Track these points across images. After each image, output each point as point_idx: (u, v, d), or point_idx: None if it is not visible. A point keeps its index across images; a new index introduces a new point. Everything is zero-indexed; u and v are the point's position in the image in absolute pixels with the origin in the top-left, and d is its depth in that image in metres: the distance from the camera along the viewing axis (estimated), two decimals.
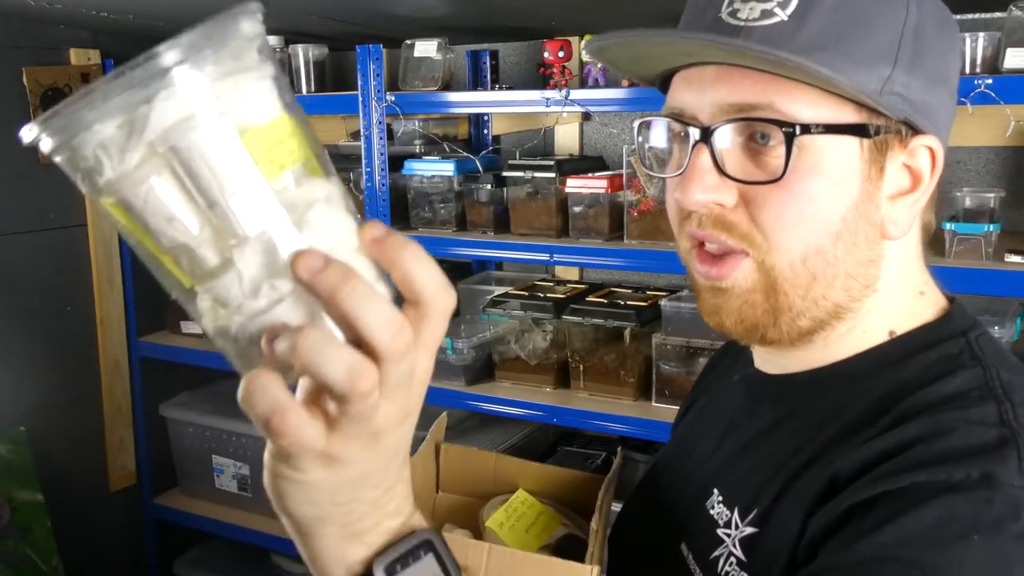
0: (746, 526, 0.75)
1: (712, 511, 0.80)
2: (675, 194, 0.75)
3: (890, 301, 0.76)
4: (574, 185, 2.06)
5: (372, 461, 0.51)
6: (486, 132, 2.60)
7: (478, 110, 2.51)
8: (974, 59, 1.66)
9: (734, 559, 0.74)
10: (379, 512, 0.54)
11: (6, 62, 2.31)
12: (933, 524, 0.61)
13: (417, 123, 2.41)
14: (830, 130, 0.70)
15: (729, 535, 0.76)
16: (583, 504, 1.04)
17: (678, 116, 0.75)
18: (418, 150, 2.43)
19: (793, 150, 0.69)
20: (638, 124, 0.82)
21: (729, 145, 0.72)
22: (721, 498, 0.80)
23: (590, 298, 2.15)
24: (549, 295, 2.18)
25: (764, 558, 0.72)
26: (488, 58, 2.42)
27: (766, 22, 0.69)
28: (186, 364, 2.64)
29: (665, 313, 2.01)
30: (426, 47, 2.19)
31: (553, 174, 2.10)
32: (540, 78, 2.25)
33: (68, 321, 2.53)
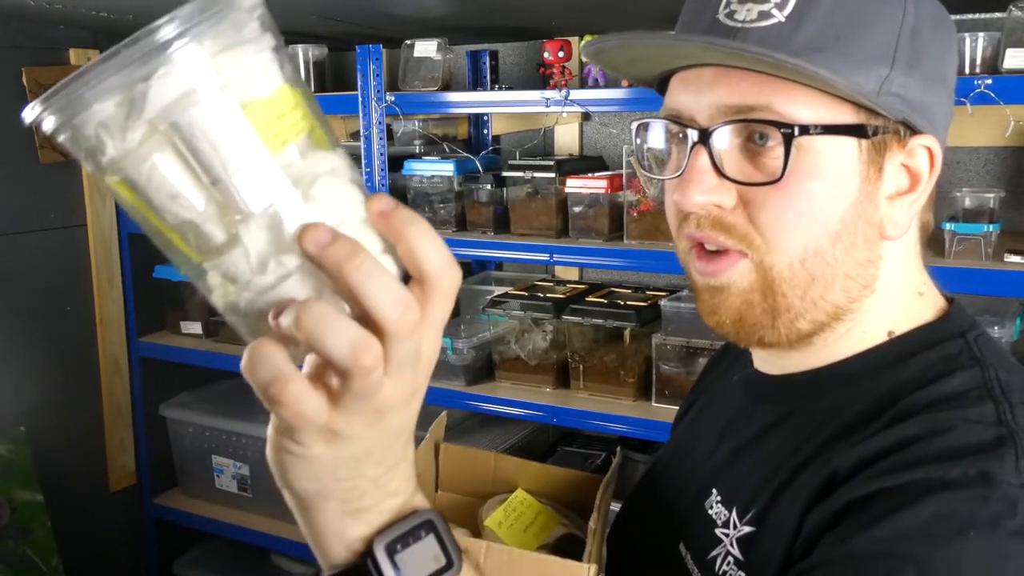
0: (744, 525, 0.75)
1: (710, 511, 0.80)
2: (674, 196, 0.75)
3: (889, 301, 0.76)
4: (574, 185, 2.06)
5: (375, 439, 0.51)
6: (486, 132, 2.60)
7: (478, 110, 2.51)
8: (974, 59, 1.66)
9: (732, 558, 0.74)
10: (381, 490, 0.54)
11: (6, 62, 2.30)
12: (929, 520, 0.61)
13: (417, 123, 2.41)
14: (828, 131, 0.70)
15: (727, 535, 0.76)
16: (582, 504, 1.04)
17: (676, 118, 0.75)
18: (418, 150, 2.43)
19: (792, 151, 0.69)
20: (636, 126, 0.82)
21: (727, 146, 0.72)
22: (720, 498, 0.80)
23: (590, 298, 2.15)
24: (549, 295, 2.18)
25: (761, 557, 0.72)
26: (488, 58, 2.42)
27: (763, 23, 0.70)
28: (186, 364, 2.64)
29: (665, 313, 2.01)
30: (426, 47, 2.19)
31: (553, 174, 2.10)
32: (540, 78, 2.26)
33: (68, 321, 2.53)
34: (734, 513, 0.77)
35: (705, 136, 0.72)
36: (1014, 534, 0.60)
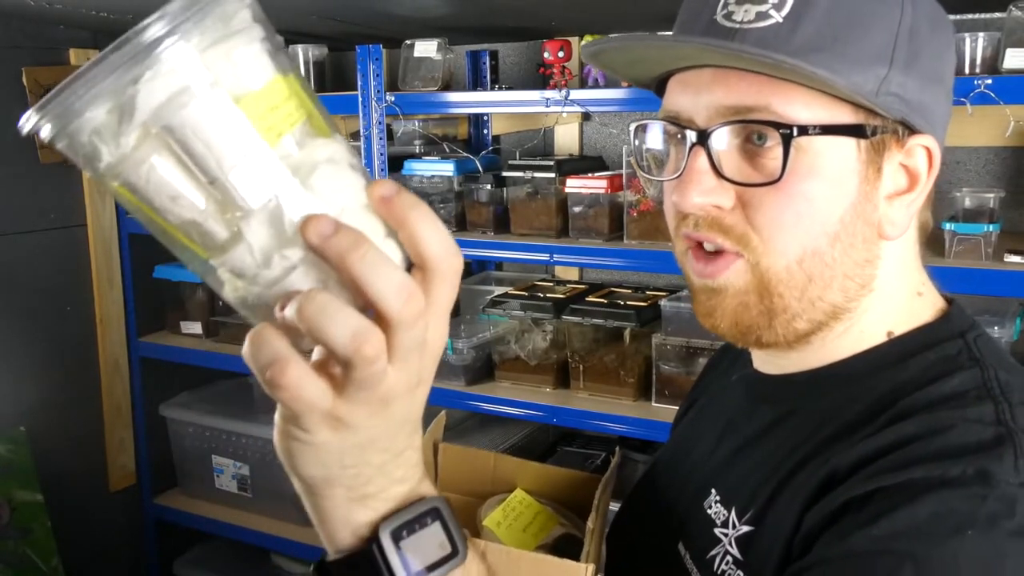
0: (743, 525, 0.75)
1: (710, 511, 0.80)
2: (672, 197, 0.75)
3: (888, 301, 0.76)
4: (574, 185, 2.06)
5: (381, 427, 0.51)
6: (486, 132, 2.60)
7: (478, 110, 2.51)
8: (974, 59, 1.66)
9: (730, 557, 0.74)
10: (387, 477, 0.54)
11: (6, 62, 2.30)
12: (928, 518, 0.61)
13: (417, 123, 2.41)
14: (827, 131, 0.70)
15: (726, 534, 0.76)
16: (581, 504, 1.04)
17: (674, 119, 0.75)
18: (418, 150, 2.43)
19: (790, 152, 0.69)
20: (634, 127, 0.82)
21: (726, 147, 0.72)
22: (719, 498, 0.80)
23: (590, 298, 2.15)
24: (549, 295, 2.18)
25: (760, 556, 0.72)
26: (488, 58, 2.42)
27: (761, 24, 0.69)
28: (186, 364, 2.64)
29: (665, 313, 2.01)
30: (426, 47, 2.19)
31: (553, 174, 2.10)
32: (540, 78, 2.26)
33: (68, 321, 2.53)
34: (733, 513, 0.77)
35: (704, 137, 0.71)
36: (1012, 533, 0.60)
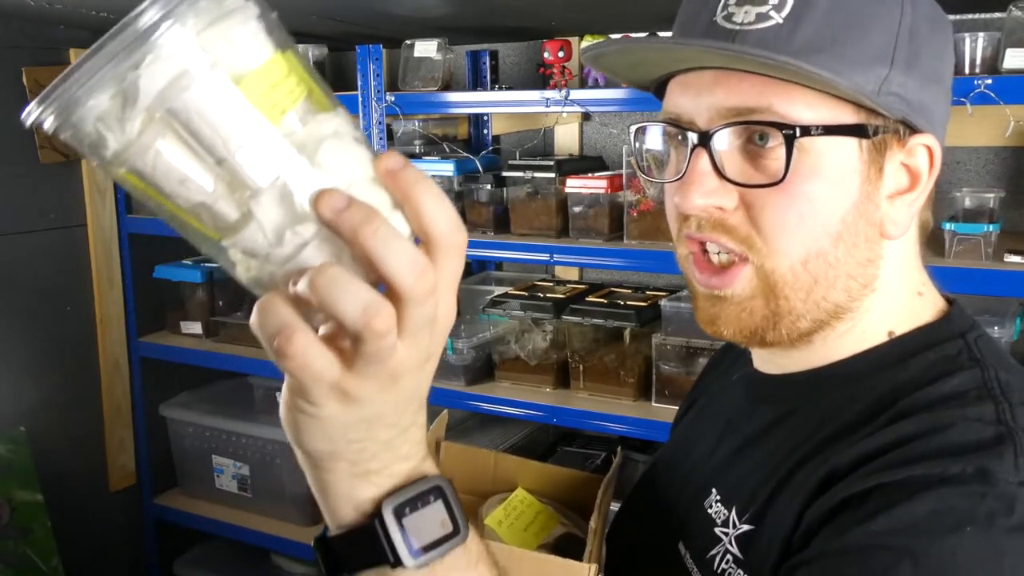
0: (743, 524, 0.75)
1: (710, 510, 0.80)
2: (674, 199, 0.75)
3: (889, 301, 0.76)
4: (574, 185, 2.06)
5: (388, 402, 0.51)
6: (486, 132, 2.60)
7: (478, 110, 2.51)
8: (974, 59, 1.66)
9: (730, 556, 0.75)
10: (391, 453, 0.54)
11: (6, 62, 2.30)
12: (926, 515, 0.61)
13: (417, 123, 2.41)
14: (829, 131, 0.70)
15: (726, 534, 0.76)
16: (582, 503, 1.04)
17: (675, 121, 0.75)
18: (418, 150, 2.43)
19: (793, 152, 0.69)
20: (635, 129, 0.82)
21: (728, 148, 0.72)
22: (719, 497, 0.80)
23: (590, 298, 2.15)
24: (549, 295, 2.18)
25: (759, 554, 0.72)
26: (488, 58, 2.42)
27: (761, 25, 0.69)
28: (186, 364, 2.64)
29: (665, 313, 2.01)
30: (426, 47, 2.19)
31: (553, 174, 2.10)
32: (540, 78, 2.26)
33: (68, 321, 2.53)
34: (733, 512, 0.77)
35: (705, 138, 0.71)
36: (1011, 530, 0.60)
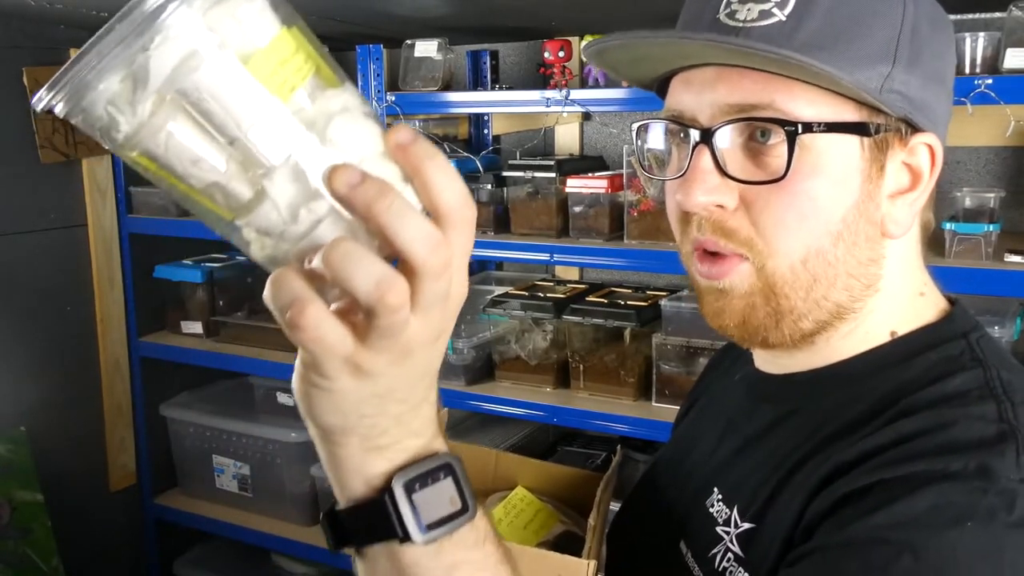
0: (744, 522, 0.75)
1: (711, 509, 0.80)
2: (676, 196, 0.75)
3: (891, 301, 0.76)
4: (574, 185, 2.06)
5: (401, 377, 0.51)
6: (486, 132, 2.60)
7: (478, 110, 2.51)
8: (974, 59, 1.66)
9: (732, 555, 0.75)
10: (403, 429, 0.54)
11: (6, 62, 2.30)
12: (927, 510, 0.61)
13: (417, 123, 2.41)
14: (831, 128, 0.70)
15: (728, 532, 0.76)
16: (582, 502, 1.04)
17: (677, 118, 0.75)
18: None
19: (795, 149, 0.69)
20: (636, 127, 0.82)
21: (729, 146, 0.72)
22: (721, 496, 0.80)
23: (590, 298, 2.15)
24: (549, 295, 2.18)
25: (761, 552, 0.72)
26: (488, 58, 2.42)
27: (764, 22, 0.70)
28: (186, 364, 2.64)
29: (665, 313, 2.01)
30: (426, 47, 2.19)
31: (553, 174, 2.10)
32: (540, 78, 2.26)
33: (68, 321, 2.53)
34: (735, 511, 0.77)
35: (707, 136, 0.71)
36: (1011, 526, 0.60)
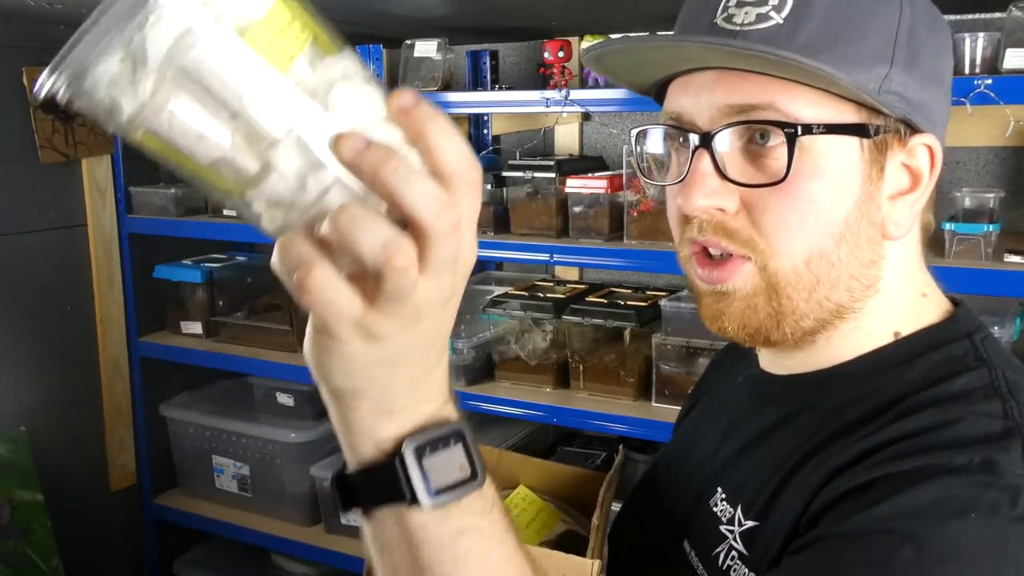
0: (748, 521, 0.75)
1: (715, 508, 0.80)
2: (676, 200, 0.75)
3: (893, 302, 0.76)
4: (574, 185, 2.06)
5: (411, 341, 0.51)
6: (486, 132, 2.60)
7: (478, 110, 2.51)
8: (974, 59, 1.66)
9: (735, 553, 0.75)
10: (414, 394, 0.54)
11: (6, 62, 2.30)
12: (930, 501, 0.62)
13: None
14: (831, 130, 0.70)
15: (732, 531, 0.76)
16: (584, 501, 1.04)
17: (676, 122, 0.75)
18: None
19: (795, 151, 0.69)
20: (636, 133, 0.82)
21: (729, 149, 0.72)
22: (724, 495, 0.80)
23: (590, 298, 2.15)
24: (549, 295, 2.18)
25: (763, 548, 0.72)
26: (488, 58, 2.42)
27: (762, 26, 0.70)
28: (186, 364, 2.64)
29: (665, 313, 2.02)
30: (426, 47, 2.19)
31: (553, 174, 2.10)
32: (540, 78, 2.26)
33: (68, 321, 2.53)
34: (739, 510, 0.77)
35: (707, 139, 0.72)
36: (1015, 519, 0.61)
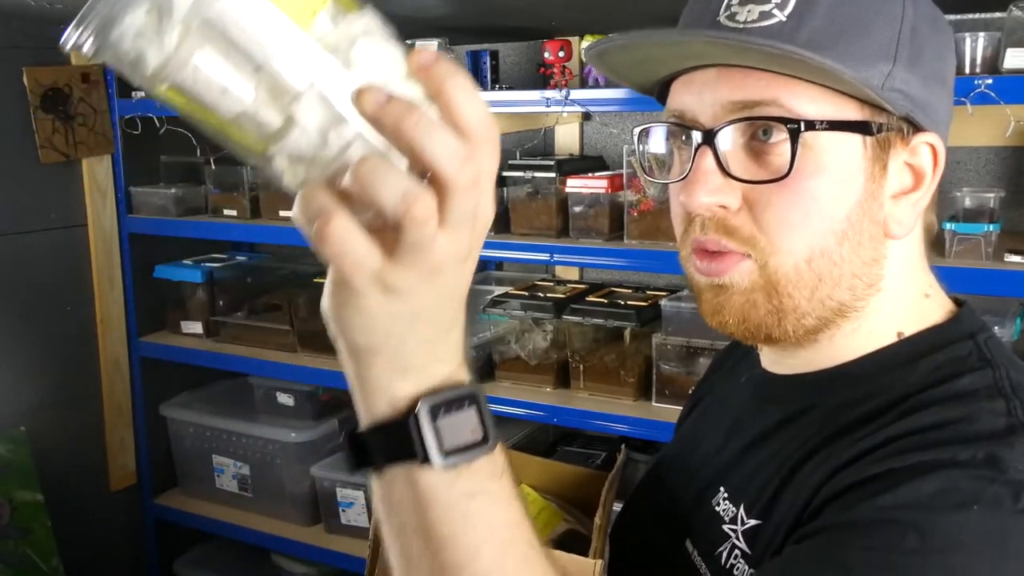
0: (750, 519, 0.75)
1: (718, 508, 0.80)
2: (679, 197, 0.75)
3: (895, 302, 0.76)
4: (574, 185, 2.06)
5: (430, 296, 0.52)
6: None
7: None
8: (974, 59, 1.66)
9: (738, 551, 0.75)
10: (430, 353, 0.54)
11: (6, 62, 2.30)
12: (933, 493, 0.62)
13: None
14: (834, 127, 0.70)
15: (735, 530, 0.76)
16: (585, 501, 1.04)
17: (679, 119, 0.75)
18: None
19: (798, 147, 0.69)
20: (638, 132, 0.82)
21: (731, 146, 0.72)
22: (727, 495, 0.80)
23: (590, 298, 2.15)
24: (549, 295, 2.18)
25: (765, 545, 0.72)
26: (488, 58, 2.41)
27: (765, 23, 0.70)
28: (186, 364, 2.64)
29: (665, 313, 2.02)
30: (426, 47, 2.18)
31: (553, 174, 2.10)
32: (540, 78, 2.26)
33: (68, 321, 2.53)
34: (741, 509, 0.77)
35: (710, 136, 0.72)
36: (1018, 513, 0.61)
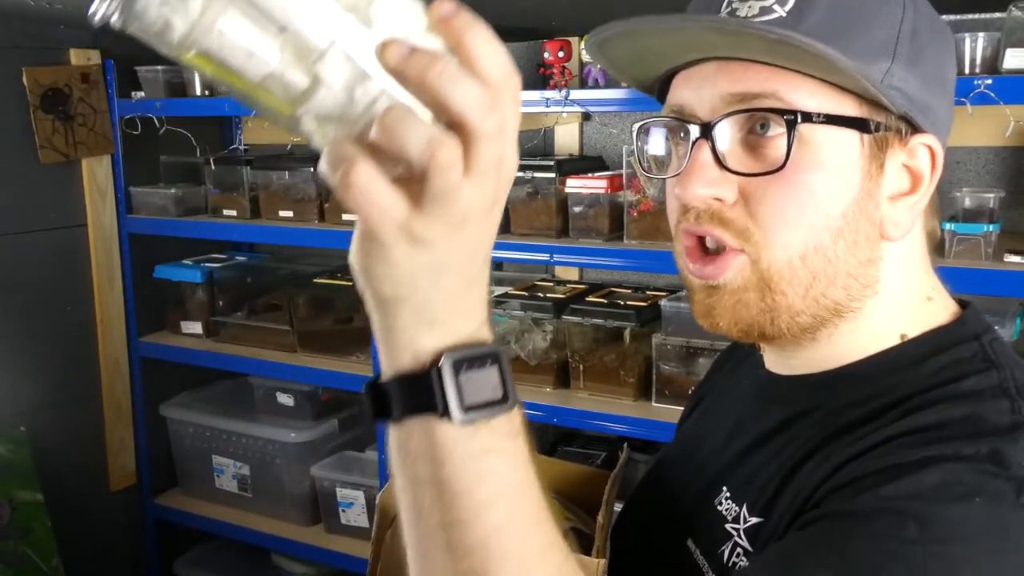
0: (752, 517, 0.76)
1: (720, 507, 0.80)
2: (675, 191, 0.75)
3: (896, 305, 0.76)
4: (574, 185, 2.06)
5: (455, 247, 0.52)
6: None
7: None
8: (974, 59, 1.66)
9: (740, 549, 0.75)
10: (454, 307, 0.55)
11: (6, 62, 2.30)
12: (935, 485, 0.62)
13: None
14: (832, 121, 0.70)
15: (737, 529, 0.77)
16: (587, 499, 1.04)
17: (678, 114, 0.75)
18: None
19: (794, 139, 0.69)
20: (637, 128, 0.82)
21: (729, 139, 0.72)
22: (729, 495, 0.80)
23: (590, 298, 2.15)
24: (549, 295, 2.18)
25: (767, 541, 0.73)
26: None
27: (765, 18, 0.70)
28: (186, 364, 2.64)
29: (665, 313, 2.02)
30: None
31: (553, 174, 2.10)
32: (540, 78, 2.26)
33: (68, 321, 2.53)
34: (744, 508, 0.77)
35: (707, 129, 0.72)
36: (1020, 506, 0.61)
